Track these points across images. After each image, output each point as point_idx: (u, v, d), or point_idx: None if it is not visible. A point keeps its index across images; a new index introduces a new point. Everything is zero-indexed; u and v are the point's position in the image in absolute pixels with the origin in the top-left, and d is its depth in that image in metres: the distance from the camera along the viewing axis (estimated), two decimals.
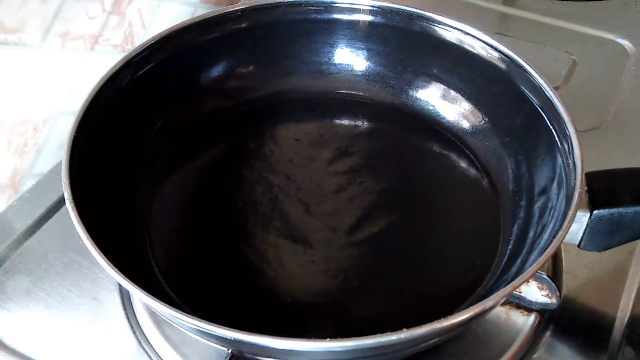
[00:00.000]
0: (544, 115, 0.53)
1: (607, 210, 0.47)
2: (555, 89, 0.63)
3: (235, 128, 0.63)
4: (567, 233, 0.43)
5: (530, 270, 0.41)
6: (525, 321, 0.51)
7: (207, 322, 0.38)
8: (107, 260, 0.41)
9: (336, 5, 0.62)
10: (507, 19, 0.84)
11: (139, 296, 0.40)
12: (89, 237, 0.42)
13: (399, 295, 0.51)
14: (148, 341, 0.51)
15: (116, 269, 0.40)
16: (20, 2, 0.59)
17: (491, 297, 0.40)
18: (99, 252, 0.41)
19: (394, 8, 0.61)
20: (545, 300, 0.51)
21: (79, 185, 0.46)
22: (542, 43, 0.78)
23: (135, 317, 0.52)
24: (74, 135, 0.48)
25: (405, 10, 0.61)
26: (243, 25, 0.61)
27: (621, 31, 0.80)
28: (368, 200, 0.57)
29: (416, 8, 0.61)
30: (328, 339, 0.37)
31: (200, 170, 0.60)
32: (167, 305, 0.39)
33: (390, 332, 0.38)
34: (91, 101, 0.51)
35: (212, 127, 0.62)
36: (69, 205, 0.44)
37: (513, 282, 0.41)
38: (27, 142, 0.64)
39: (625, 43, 0.78)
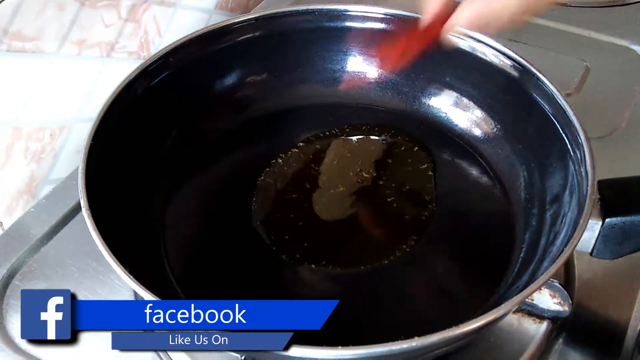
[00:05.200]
0: (556, 123, 0.53)
1: (619, 219, 0.47)
2: (569, 95, 0.64)
3: (248, 135, 0.63)
4: (578, 241, 0.43)
5: (541, 278, 0.41)
6: (537, 329, 0.51)
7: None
8: (123, 269, 0.41)
9: (349, 13, 0.62)
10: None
11: None
12: (106, 246, 0.42)
13: (410, 303, 0.51)
14: (167, 353, 0.51)
15: (133, 277, 0.41)
16: (37, 11, 0.59)
17: (502, 305, 0.40)
18: (116, 260, 0.42)
19: (406, 16, 0.61)
20: (558, 308, 0.51)
21: (95, 193, 0.46)
22: (556, 50, 0.78)
23: None
24: (90, 144, 0.49)
25: (417, 18, 0.61)
26: (257, 33, 0.62)
27: (635, 37, 0.79)
28: (381, 207, 0.58)
29: None
30: (340, 347, 0.38)
31: (214, 177, 0.60)
32: None
33: (402, 339, 0.38)
34: (107, 110, 0.52)
35: (225, 135, 0.62)
36: (85, 213, 0.44)
37: (524, 291, 0.41)
38: (44, 148, 0.65)
39: (639, 49, 0.78)
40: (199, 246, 0.55)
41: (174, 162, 0.59)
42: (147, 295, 0.40)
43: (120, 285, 0.55)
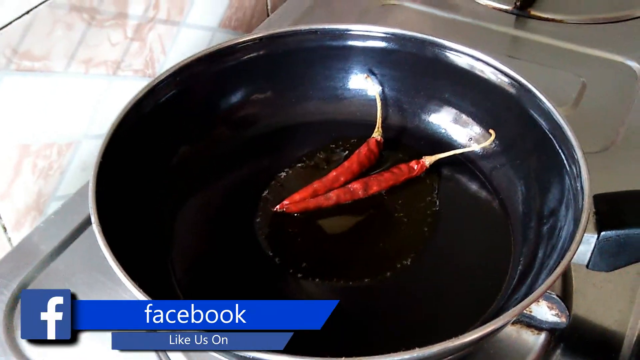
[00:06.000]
0: (553, 139, 0.54)
1: (614, 232, 0.48)
2: (565, 111, 0.65)
3: (253, 151, 0.64)
4: (574, 254, 0.44)
5: (539, 290, 0.43)
6: (535, 340, 0.52)
7: None
8: (133, 283, 0.42)
9: (350, 32, 0.64)
10: (518, 42, 0.85)
11: None
12: (116, 260, 0.43)
13: (410, 315, 0.52)
14: (166, 353, 0.52)
15: (142, 291, 0.42)
16: (47, 31, 0.60)
17: (501, 316, 0.41)
18: (126, 274, 0.43)
19: (406, 35, 0.63)
20: (555, 319, 0.52)
21: (104, 209, 0.47)
22: (553, 66, 0.79)
23: None
24: (100, 161, 0.50)
25: (417, 36, 0.62)
26: (261, 52, 0.63)
27: (631, 53, 0.80)
28: (382, 221, 0.59)
29: (428, 34, 0.62)
30: (343, 358, 0.39)
31: (220, 192, 0.61)
32: None
33: (402, 351, 0.39)
34: (116, 128, 0.53)
35: (231, 151, 0.63)
36: (95, 228, 0.45)
37: (522, 302, 0.42)
38: (52, 165, 0.66)
39: (635, 65, 0.79)
40: (205, 260, 0.56)
41: (181, 177, 0.60)
42: None
43: (127, 297, 0.54)
